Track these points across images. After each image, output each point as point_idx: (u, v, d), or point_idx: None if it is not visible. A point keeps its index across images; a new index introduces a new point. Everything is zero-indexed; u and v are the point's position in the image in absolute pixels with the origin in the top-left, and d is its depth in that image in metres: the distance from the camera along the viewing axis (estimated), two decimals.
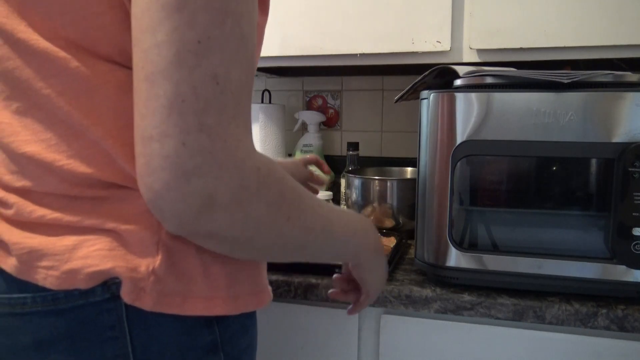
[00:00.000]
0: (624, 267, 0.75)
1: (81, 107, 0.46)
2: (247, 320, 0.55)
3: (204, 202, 0.41)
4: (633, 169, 0.73)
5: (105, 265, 0.45)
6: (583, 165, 0.76)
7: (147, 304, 0.46)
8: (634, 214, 0.73)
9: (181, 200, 0.40)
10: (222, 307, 0.50)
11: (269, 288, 0.57)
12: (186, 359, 0.49)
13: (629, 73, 0.75)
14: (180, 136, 0.40)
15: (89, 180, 0.47)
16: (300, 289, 0.84)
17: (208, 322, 0.50)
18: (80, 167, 0.46)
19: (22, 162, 0.47)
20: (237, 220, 0.43)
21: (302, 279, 0.84)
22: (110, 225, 0.46)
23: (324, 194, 1.25)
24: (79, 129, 0.46)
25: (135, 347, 0.47)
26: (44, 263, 0.46)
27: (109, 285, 0.46)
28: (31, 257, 0.46)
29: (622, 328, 0.74)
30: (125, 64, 0.47)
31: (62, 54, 0.45)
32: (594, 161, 0.75)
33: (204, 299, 0.49)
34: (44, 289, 0.46)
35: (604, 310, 0.74)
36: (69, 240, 0.46)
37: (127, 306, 0.47)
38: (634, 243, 0.74)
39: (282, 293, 0.84)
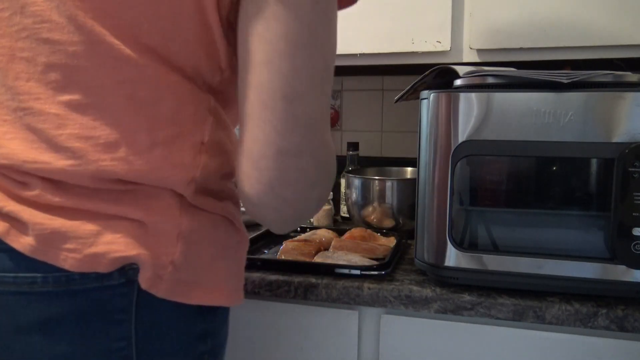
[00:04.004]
0: (624, 267, 0.75)
1: (145, 113, 0.48)
2: (226, 314, 0.59)
3: (320, 204, 0.51)
4: (633, 169, 0.73)
5: (131, 251, 0.47)
6: (583, 165, 0.76)
7: (160, 291, 0.49)
8: (634, 214, 0.73)
9: (307, 207, 0.50)
10: (222, 299, 0.53)
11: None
12: (181, 343, 0.52)
13: (629, 73, 0.75)
14: (313, 152, 0.47)
15: (124, 180, 0.49)
16: (300, 289, 0.84)
17: (202, 311, 0.53)
18: (122, 169, 0.47)
19: (60, 151, 0.47)
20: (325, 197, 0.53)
21: (302, 279, 0.84)
22: (136, 215, 0.48)
23: None
24: (131, 134, 0.48)
25: (138, 331, 0.49)
26: (67, 245, 0.46)
27: (126, 270, 0.48)
28: (53, 238, 0.47)
29: (622, 328, 0.74)
30: (191, 77, 0.49)
31: (142, 61, 0.47)
32: (594, 161, 0.75)
33: (208, 290, 0.52)
34: (57, 270, 0.46)
35: (604, 310, 0.74)
36: (92, 225, 0.47)
37: (139, 292, 0.49)
38: (634, 243, 0.74)
39: (282, 293, 0.84)
